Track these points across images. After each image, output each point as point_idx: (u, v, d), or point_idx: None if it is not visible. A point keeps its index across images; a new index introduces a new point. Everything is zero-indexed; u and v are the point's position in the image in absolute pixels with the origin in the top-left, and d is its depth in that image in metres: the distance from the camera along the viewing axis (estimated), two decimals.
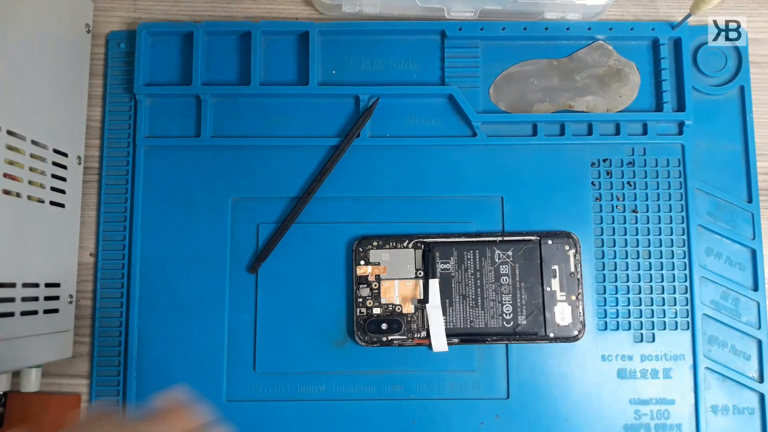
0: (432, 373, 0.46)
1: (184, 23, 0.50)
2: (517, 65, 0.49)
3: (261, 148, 0.48)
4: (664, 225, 0.47)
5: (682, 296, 0.47)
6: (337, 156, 0.47)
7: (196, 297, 0.46)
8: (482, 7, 0.48)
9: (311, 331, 0.46)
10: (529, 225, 0.47)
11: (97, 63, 0.50)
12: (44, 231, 0.43)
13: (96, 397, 0.46)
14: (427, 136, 0.48)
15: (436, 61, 0.49)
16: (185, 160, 0.48)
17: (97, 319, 0.47)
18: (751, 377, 0.46)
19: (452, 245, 0.46)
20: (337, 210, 0.47)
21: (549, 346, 0.46)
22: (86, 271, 0.48)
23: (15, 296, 0.40)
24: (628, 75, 0.49)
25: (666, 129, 0.48)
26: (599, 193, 0.48)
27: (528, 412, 0.45)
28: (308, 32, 0.48)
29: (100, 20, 0.50)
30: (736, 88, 0.49)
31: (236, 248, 0.47)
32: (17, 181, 0.40)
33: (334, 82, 0.49)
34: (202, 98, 0.48)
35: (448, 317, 0.45)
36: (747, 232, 0.48)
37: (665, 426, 0.46)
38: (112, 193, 0.48)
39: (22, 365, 0.41)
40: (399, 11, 0.49)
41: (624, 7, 0.51)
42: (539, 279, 0.46)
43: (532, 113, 0.48)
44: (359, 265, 0.46)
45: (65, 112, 0.46)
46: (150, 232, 0.47)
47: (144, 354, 0.46)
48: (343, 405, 0.45)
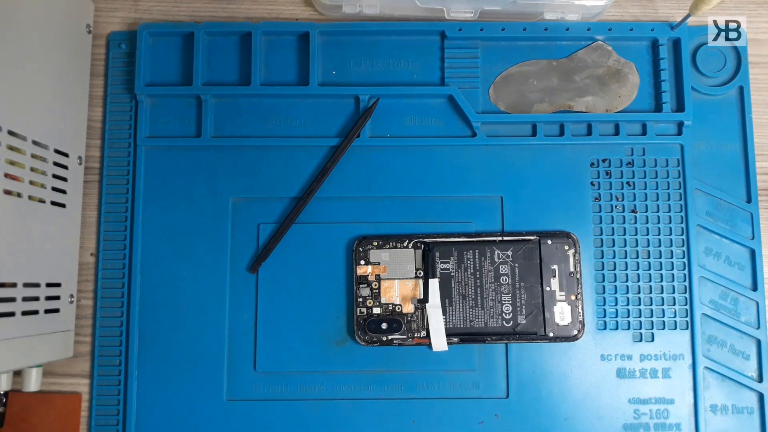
0: (432, 373, 0.46)
1: (185, 24, 0.50)
2: (516, 66, 0.49)
3: (261, 148, 0.48)
4: (663, 225, 0.47)
5: (681, 296, 0.47)
6: (337, 156, 0.47)
7: (196, 297, 0.47)
8: (482, 7, 0.49)
9: (311, 330, 0.46)
10: (529, 225, 0.47)
11: (98, 63, 0.50)
12: (45, 231, 0.43)
13: (97, 397, 0.46)
14: (427, 137, 0.48)
15: (436, 61, 0.49)
16: (186, 160, 0.48)
17: (97, 318, 0.47)
18: (750, 377, 0.46)
19: (452, 245, 0.46)
20: (337, 210, 0.47)
21: (548, 346, 0.46)
22: (87, 270, 0.48)
23: (16, 296, 0.40)
24: (627, 75, 0.49)
25: (665, 129, 0.48)
26: (598, 193, 0.48)
27: (528, 412, 0.46)
28: (308, 33, 0.49)
29: (100, 21, 0.51)
30: (736, 88, 0.49)
31: (236, 248, 0.47)
32: (18, 181, 0.40)
33: (335, 82, 0.49)
34: (203, 98, 0.48)
35: (447, 317, 0.45)
36: (746, 232, 0.48)
37: (664, 425, 0.46)
38: (113, 193, 0.48)
39: (23, 365, 0.42)
40: (399, 12, 0.49)
41: (623, 7, 0.51)
42: (539, 279, 0.46)
43: (532, 113, 0.49)
44: (359, 264, 0.46)
45: (66, 113, 0.46)
46: (150, 232, 0.47)
47: (144, 354, 0.46)
48: (343, 405, 0.46)
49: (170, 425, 0.45)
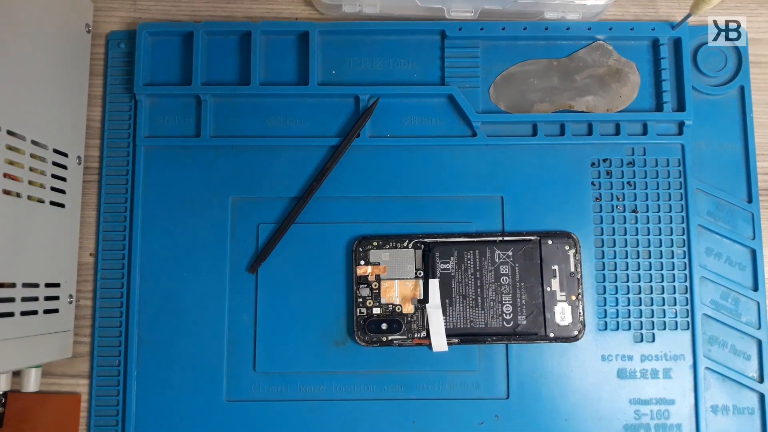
0: (432, 373, 0.46)
1: (184, 23, 0.50)
2: (517, 65, 0.49)
3: (261, 148, 0.48)
4: (664, 225, 0.47)
5: (682, 296, 0.47)
6: (337, 156, 0.47)
7: (196, 297, 0.46)
8: (482, 7, 0.48)
9: (311, 331, 0.46)
10: (529, 225, 0.47)
11: (97, 63, 0.50)
12: (44, 231, 0.43)
13: (96, 398, 0.46)
14: (427, 136, 0.48)
15: (436, 61, 0.49)
16: (185, 160, 0.48)
17: (97, 319, 0.47)
18: (751, 377, 0.46)
19: (452, 245, 0.46)
20: (337, 210, 0.47)
21: (549, 346, 0.46)
22: (86, 271, 0.48)
23: (15, 296, 0.40)
24: (628, 75, 0.49)
25: (666, 129, 0.48)
26: (599, 193, 0.48)
27: (528, 412, 0.45)
28: (308, 32, 0.48)
29: (100, 20, 0.50)
30: (736, 88, 0.49)
31: (236, 248, 0.47)
32: (17, 181, 0.40)
33: (334, 82, 0.49)
34: (202, 98, 0.48)
35: (448, 317, 0.45)
36: (747, 232, 0.48)
37: (665, 426, 0.46)
38: (112, 193, 0.48)
39: (22, 365, 0.41)
40: (399, 11, 0.49)
41: (624, 7, 0.51)
42: (539, 279, 0.46)
43: (532, 113, 0.48)
44: (359, 265, 0.46)
45: (65, 112, 0.46)
46: (150, 232, 0.47)
47: (144, 354, 0.46)
48: (343, 405, 0.45)
49: (169, 426, 0.45)
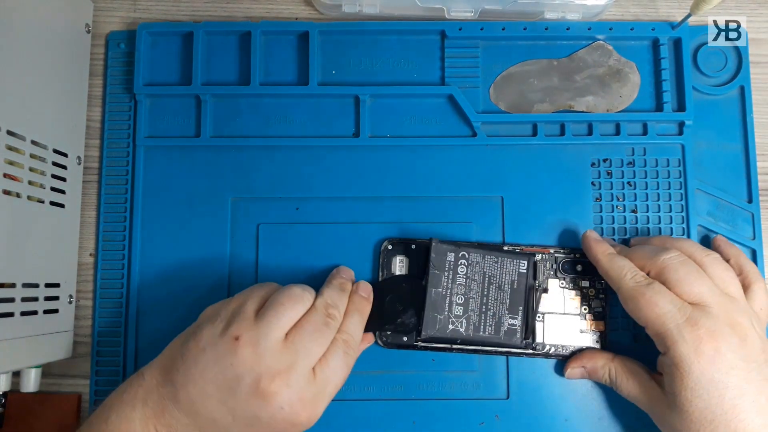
0: (432, 374, 0.46)
1: (184, 23, 0.50)
2: (517, 65, 0.49)
3: (261, 148, 0.48)
4: (664, 225, 0.47)
5: None
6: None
7: (196, 297, 0.46)
8: (482, 7, 0.48)
9: None
10: (529, 225, 0.47)
11: (97, 63, 0.50)
12: (44, 231, 0.43)
13: (96, 398, 0.46)
14: (427, 136, 0.48)
15: (436, 61, 0.49)
16: (185, 160, 0.48)
17: (96, 319, 0.47)
18: None
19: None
20: (336, 210, 0.47)
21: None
22: (86, 271, 0.48)
23: (15, 296, 0.40)
24: (628, 75, 0.49)
25: (666, 129, 0.48)
26: (599, 193, 0.48)
27: (528, 412, 0.45)
28: (308, 32, 0.48)
29: (99, 20, 0.50)
30: (737, 88, 0.49)
31: (236, 248, 0.47)
32: (17, 182, 0.40)
33: (334, 82, 0.49)
34: (202, 98, 0.48)
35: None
36: (747, 233, 0.48)
37: None
38: (112, 193, 0.48)
39: (22, 365, 0.41)
40: (399, 11, 0.49)
41: (624, 7, 0.51)
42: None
43: (532, 113, 0.48)
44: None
45: (65, 113, 0.46)
46: (150, 232, 0.47)
47: (144, 354, 0.46)
48: (342, 405, 0.45)
49: None
